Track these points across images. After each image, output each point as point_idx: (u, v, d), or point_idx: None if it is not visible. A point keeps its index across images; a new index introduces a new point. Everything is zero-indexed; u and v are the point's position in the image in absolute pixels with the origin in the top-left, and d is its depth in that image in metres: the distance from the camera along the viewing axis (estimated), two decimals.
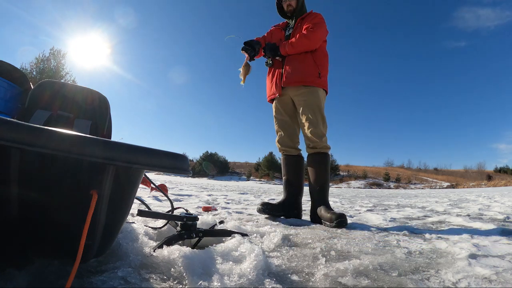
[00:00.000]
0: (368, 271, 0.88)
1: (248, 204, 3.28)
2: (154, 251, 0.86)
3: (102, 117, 1.48)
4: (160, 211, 1.26)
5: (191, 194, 4.52)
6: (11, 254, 0.67)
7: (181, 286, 0.71)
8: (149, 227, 1.22)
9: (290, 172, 2.21)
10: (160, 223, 1.28)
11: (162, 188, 2.68)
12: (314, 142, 2.07)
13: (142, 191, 3.61)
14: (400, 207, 3.67)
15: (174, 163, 0.66)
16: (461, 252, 1.11)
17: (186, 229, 1.02)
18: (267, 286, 0.72)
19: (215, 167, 42.22)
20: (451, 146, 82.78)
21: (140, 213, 0.97)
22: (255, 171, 43.51)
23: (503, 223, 2.11)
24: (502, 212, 2.79)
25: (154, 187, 1.41)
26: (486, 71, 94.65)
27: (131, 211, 1.20)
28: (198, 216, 1.09)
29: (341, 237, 1.44)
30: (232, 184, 17.65)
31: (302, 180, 2.25)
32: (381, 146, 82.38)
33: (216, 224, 1.28)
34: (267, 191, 8.72)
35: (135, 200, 1.88)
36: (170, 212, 1.29)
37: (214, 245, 0.95)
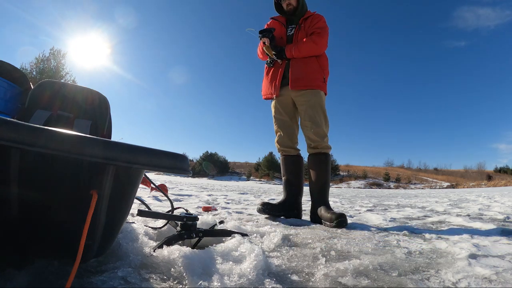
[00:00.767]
0: (368, 271, 0.88)
1: (248, 204, 3.28)
2: (154, 251, 0.86)
3: (102, 117, 1.48)
4: (160, 211, 1.26)
5: (191, 194, 4.52)
6: (11, 254, 0.67)
7: (181, 286, 0.71)
8: (149, 227, 1.22)
9: (290, 172, 2.21)
10: (160, 223, 1.28)
11: (162, 188, 2.68)
12: (316, 142, 2.07)
13: (142, 191, 3.61)
14: (400, 207, 3.67)
15: (174, 163, 0.66)
16: (461, 252, 1.11)
17: (186, 229, 1.02)
18: (267, 286, 0.72)
19: (215, 167, 42.23)
20: (451, 146, 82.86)
21: (140, 213, 0.97)
22: (255, 171, 43.53)
23: (503, 223, 2.11)
24: (502, 212, 2.79)
25: (154, 187, 1.41)
26: (486, 71, 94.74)
27: (131, 211, 1.20)
28: (198, 216, 1.09)
29: (341, 237, 1.44)
30: (232, 184, 17.65)
31: (302, 180, 2.25)
32: (381, 146, 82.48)
33: (216, 224, 1.28)
34: (267, 191, 8.72)
35: (135, 200, 1.88)
36: (170, 212, 1.29)
37: (214, 245, 0.95)
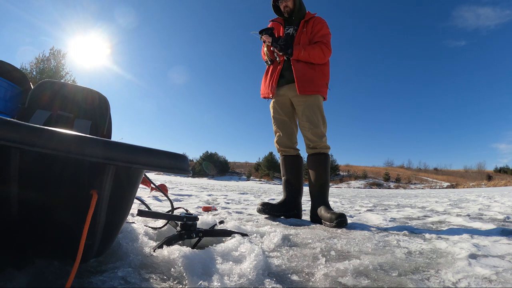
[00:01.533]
0: (368, 271, 0.88)
1: (248, 204, 3.28)
2: (154, 251, 0.86)
3: (102, 117, 1.48)
4: (160, 211, 1.26)
5: (191, 194, 4.52)
6: (11, 254, 0.67)
7: (181, 286, 0.71)
8: (149, 227, 1.22)
9: (289, 173, 2.21)
10: (160, 223, 1.28)
11: (162, 188, 2.69)
12: (314, 142, 2.07)
13: (142, 191, 3.61)
14: (400, 207, 3.67)
15: (174, 163, 0.66)
16: (461, 252, 1.11)
17: (186, 229, 1.02)
18: (267, 286, 0.72)
19: (215, 167, 42.24)
20: (451, 146, 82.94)
21: (140, 213, 0.97)
22: (255, 171, 43.54)
23: (503, 223, 2.11)
24: (502, 212, 2.79)
25: (154, 187, 1.41)
26: (487, 71, 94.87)
27: (131, 211, 1.20)
28: (198, 216, 1.09)
29: (341, 237, 1.44)
30: (232, 184, 17.65)
31: (302, 180, 2.25)
32: (381, 146, 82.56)
33: (216, 224, 1.28)
34: (267, 191, 8.72)
35: (135, 200, 1.88)
36: (170, 212, 1.29)
37: (214, 245, 0.95)
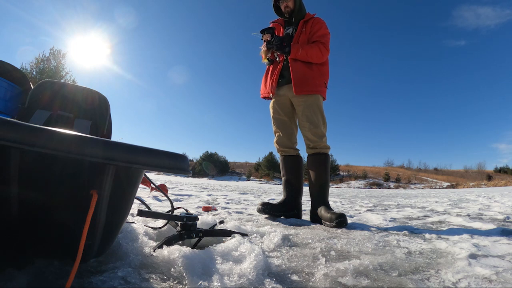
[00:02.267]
0: (368, 271, 0.88)
1: (248, 204, 3.28)
2: (154, 251, 0.86)
3: (102, 117, 1.48)
4: (160, 211, 1.26)
5: (191, 194, 4.52)
6: (11, 254, 0.67)
7: (181, 286, 0.71)
8: (149, 227, 1.22)
9: (289, 173, 2.21)
10: (160, 223, 1.28)
11: (162, 188, 2.68)
12: (314, 142, 2.07)
13: (142, 191, 3.61)
14: (400, 207, 3.67)
15: (174, 163, 0.66)
16: (461, 252, 1.11)
17: (186, 229, 1.02)
18: (267, 286, 0.72)
19: (215, 167, 42.24)
20: (451, 146, 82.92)
21: (140, 213, 0.97)
22: (255, 171, 43.54)
23: (503, 223, 2.11)
24: (502, 212, 2.79)
25: (154, 187, 1.41)
26: (487, 70, 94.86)
27: (131, 211, 1.20)
28: (198, 216, 1.09)
29: (341, 237, 1.44)
30: (232, 184, 17.65)
31: (302, 180, 2.25)
32: (381, 146, 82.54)
33: (216, 224, 1.28)
34: (267, 191, 8.72)
35: (135, 200, 1.88)
36: (170, 212, 1.29)
37: (214, 245, 0.95)
